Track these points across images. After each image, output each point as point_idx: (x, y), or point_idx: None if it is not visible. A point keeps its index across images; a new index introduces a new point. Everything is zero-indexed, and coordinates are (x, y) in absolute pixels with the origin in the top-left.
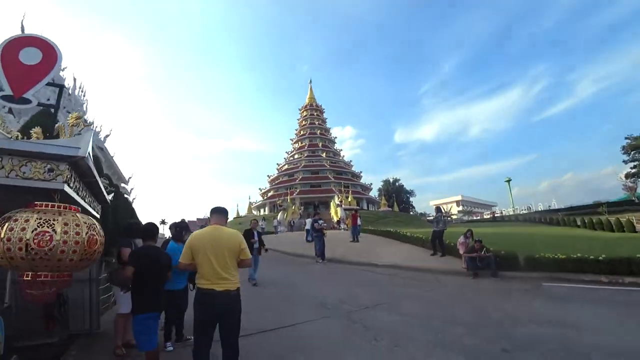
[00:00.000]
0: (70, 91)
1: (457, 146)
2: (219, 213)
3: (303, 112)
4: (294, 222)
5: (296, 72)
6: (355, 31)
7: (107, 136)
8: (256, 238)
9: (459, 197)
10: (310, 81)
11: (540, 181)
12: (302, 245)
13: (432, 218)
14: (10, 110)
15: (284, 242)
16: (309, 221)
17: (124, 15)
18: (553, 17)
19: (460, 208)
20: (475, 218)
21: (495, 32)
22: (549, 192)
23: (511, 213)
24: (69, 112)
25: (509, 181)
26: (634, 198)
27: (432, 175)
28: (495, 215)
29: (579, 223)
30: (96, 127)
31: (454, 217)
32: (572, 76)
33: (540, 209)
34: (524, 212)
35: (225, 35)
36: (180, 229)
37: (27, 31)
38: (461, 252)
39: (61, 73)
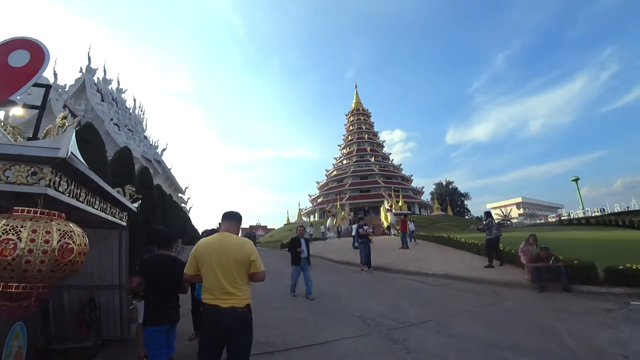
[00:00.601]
0: (130, 111)
1: (515, 144)
2: (230, 219)
3: (350, 117)
4: (340, 227)
5: (341, 78)
6: (400, 32)
7: (163, 150)
8: (304, 247)
9: (518, 199)
10: (356, 85)
11: (614, 179)
12: (348, 252)
13: (482, 226)
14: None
15: (330, 249)
16: (355, 227)
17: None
18: None
19: (521, 211)
20: (538, 222)
21: (553, 17)
22: (625, 191)
23: (581, 215)
24: (130, 130)
25: (576, 180)
26: None
27: (488, 176)
28: (562, 218)
29: None
30: (154, 142)
31: (514, 220)
32: None
33: (617, 210)
34: (597, 214)
35: (270, 47)
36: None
37: (93, 55)
38: (523, 260)
39: (123, 95)
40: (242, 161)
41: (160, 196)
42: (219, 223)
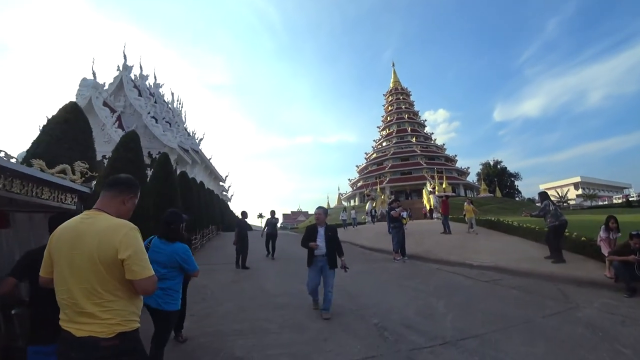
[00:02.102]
0: (169, 104)
1: (571, 119)
2: (110, 188)
3: (388, 97)
4: (374, 211)
5: (378, 60)
6: (435, 6)
7: (200, 140)
8: (321, 241)
9: (577, 179)
10: (393, 64)
11: None
12: (383, 238)
13: (537, 212)
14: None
15: (363, 235)
16: (387, 209)
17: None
18: None
19: (579, 192)
20: (601, 203)
21: None
22: None
23: None
24: (168, 123)
25: None
26: None
27: (540, 155)
28: (630, 199)
29: None
30: (193, 133)
31: (571, 202)
32: None
33: None
34: None
35: (303, 33)
36: (173, 220)
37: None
38: (604, 252)
39: (160, 90)
40: (281, 149)
41: (184, 182)
42: (271, 211)
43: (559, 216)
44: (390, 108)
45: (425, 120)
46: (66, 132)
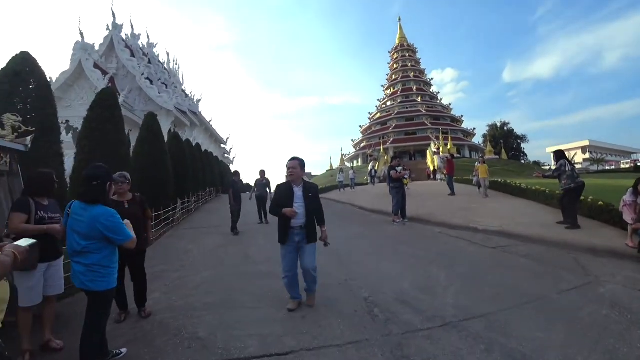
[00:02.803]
0: (165, 65)
1: (584, 81)
2: None
3: (394, 54)
4: (374, 171)
5: (386, 14)
6: None
7: (198, 101)
8: (299, 206)
9: (585, 142)
10: (400, 19)
11: None
12: (384, 198)
13: (550, 172)
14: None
15: (363, 196)
16: (386, 169)
17: None
18: None
19: (587, 156)
20: (608, 167)
21: None
22: None
23: None
24: (164, 84)
25: None
26: None
27: (550, 117)
28: (639, 164)
29: None
30: (192, 95)
31: (578, 166)
32: None
33: None
34: None
35: None
36: (95, 176)
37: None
38: (628, 219)
39: (154, 50)
40: (287, 110)
41: (176, 144)
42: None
43: (576, 178)
44: (395, 66)
45: (432, 79)
46: (17, 86)
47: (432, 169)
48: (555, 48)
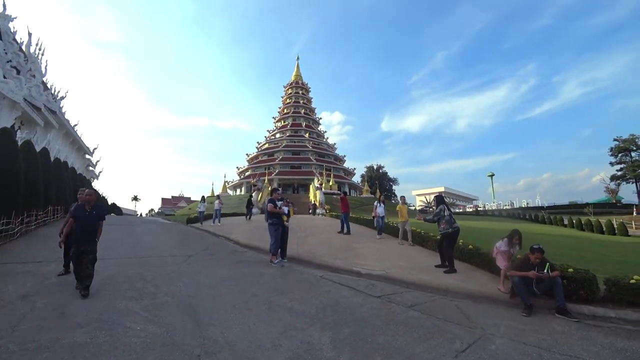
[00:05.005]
0: (23, 47)
1: (442, 139)
2: None
3: (288, 89)
4: (251, 204)
5: (286, 52)
6: (348, 13)
7: (62, 98)
8: None
9: (441, 189)
10: (298, 58)
11: (518, 179)
12: (264, 232)
13: (431, 216)
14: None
15: (242, 228)
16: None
17: None
18: (548, 15)
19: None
20: (458, 210)
21: (490, 27)
22: (526, 190)
23: (494, 207)
24: (16, 69)
25: (492, 176)
26: (614, 201)
27: (415, 165)
28: (479, 208)
29: (565, 222)
30: (56, 91)
31: (435, 209)
32: (559, 78)
33: (523, 205)
34: (507, 207)
35: (213, 6)
36: None
37: None
38: (501, 265)
39: (11, 25)
40: (173, 127)
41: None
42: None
43: (453, 223)
44: (288, 100)
45: (321, 118)
46: None
47: (314, 203)
48: (423, 109)
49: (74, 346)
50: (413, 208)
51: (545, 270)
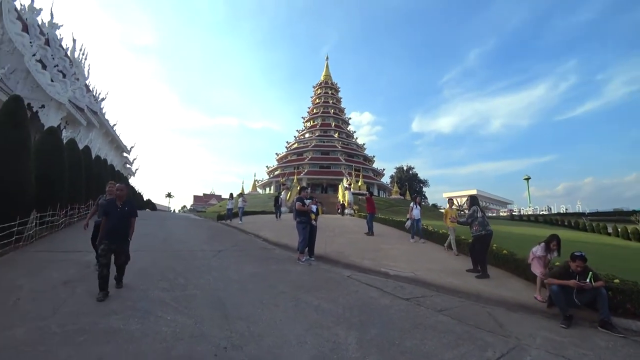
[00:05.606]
0: (68, 52)
1: (475, 140)
2: None
3: (317, 89)
4: (280, 201)
5: (315, 53)
6: (380, 13)
7: (102, 99)
8: None
9: (473, 191)
10: (327, 57)
11: (557, 183)
12: (293, 230)
13: (465, 218)
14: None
15: (271, 226)
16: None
17: None
18: (591, 9)
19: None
20: (491, 214)
21: (528, 22)
22: (565, 194)
23: (530, 212)
24: (62, 73)
25: (528, 179)
26: None
27: (447, 167)
28: (513, 213)
29: (609, 230)
30: (97, 93)
31: (467, 212)
32: (603, 75)
33: (562, 211)
34: (544, 212)
35: (243, 10)
36: None
37: None
38: (537, 272)
39: (58, 32)
40: (205, 127)
41: (51, 140)
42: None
43: (486, 225)
44: (317, 101)
45: (350, 118)
46: None
47: (342, 203)
48: (456, 109)
49: (108, 331)
50: (442, 211)
51: (588, 280)
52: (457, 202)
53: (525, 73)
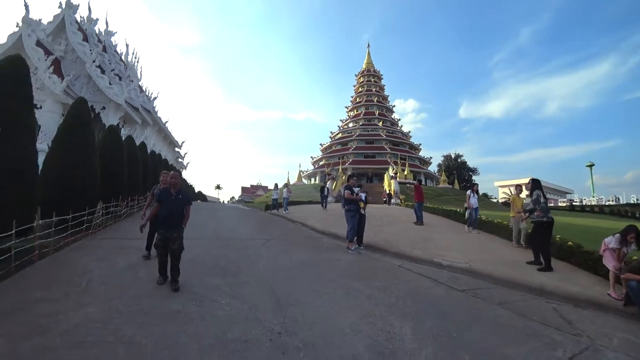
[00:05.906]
0: (122, 57)
1: (529, 124)
2: None
3: (359, 78)
4: (327, 191)
5: (356, 41)
6: None
7: (154, 98)
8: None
9: (526, 180)
10: (369, 45)
11: (625, 170)
12: (340, 219)
13: (532, 205)
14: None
15: (318, 215)
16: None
17: None
18: None
19: (527, 192)
20: (549, 205)
21: None
22: (634, 183)
23: (594, 203)
24: (118, 76)
25: (591, 166)
26: None
27: (498, 154)
28: (574, 203)
29: None
30: (150, 93)
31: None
32: None
33: (633, 202)
34: (611, 202)
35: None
36: None
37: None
38: (609, 265)
39: (112, 39)
40: (249, 121)
41: (113, 138)
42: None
43: (547, 212)
44: (360, 89)
45: (394, 106)
46: None
47: (388, 192)
48: (507, 92)
49: (168, 313)
50: (495, 201)
51: None
52: (510, 191)
53: (586, 49)
